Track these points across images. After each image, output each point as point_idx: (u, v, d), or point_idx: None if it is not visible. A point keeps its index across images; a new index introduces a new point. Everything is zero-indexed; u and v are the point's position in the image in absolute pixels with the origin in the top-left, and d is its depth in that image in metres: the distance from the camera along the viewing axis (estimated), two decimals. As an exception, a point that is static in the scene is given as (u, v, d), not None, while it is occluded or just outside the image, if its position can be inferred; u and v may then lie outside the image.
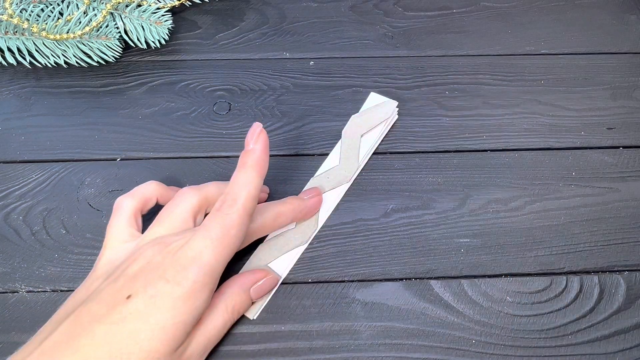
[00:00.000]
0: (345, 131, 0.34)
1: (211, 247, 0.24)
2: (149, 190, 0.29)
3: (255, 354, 0.28)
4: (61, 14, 0.38)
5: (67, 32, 0.36)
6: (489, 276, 0.30)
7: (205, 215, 0.28)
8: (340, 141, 0.34)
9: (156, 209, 0.28)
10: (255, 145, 0.27)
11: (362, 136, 0.34)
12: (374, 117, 0.35)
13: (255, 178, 0.26)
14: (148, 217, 0.28)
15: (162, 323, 0.23)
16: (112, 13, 0.38)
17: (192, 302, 0.23)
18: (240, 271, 0.30)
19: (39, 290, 0.30)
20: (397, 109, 0.36)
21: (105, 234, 0.27)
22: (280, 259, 0.30)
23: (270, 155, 0.29)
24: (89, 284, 0.25)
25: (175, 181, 0.33)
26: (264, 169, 0.27)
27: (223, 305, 0.26)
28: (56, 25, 0.36)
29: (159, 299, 0.23)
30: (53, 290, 0.30)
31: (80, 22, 0.37)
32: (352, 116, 0.35)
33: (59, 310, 0.25)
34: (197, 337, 0.25)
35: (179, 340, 0.23)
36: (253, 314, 0.29)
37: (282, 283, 0.30)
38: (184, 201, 0.27)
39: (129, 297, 0.23)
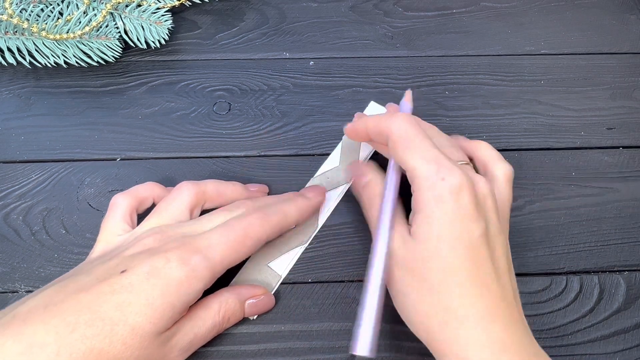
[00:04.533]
0: (345, 135, 0.34)
1: (224, 246, 0.25)
2: (145, 190, 0.29)
3: (255, 354, 0.28)
4: (61, 14, 0.38)
5: (67, 32, 0.36)
6: (489, 276, 0.30)
7: (202, 211, 0.28)
8: (340, 142, 0.34)
9: (152, 209, 0.28)
10: (315, 198, 0.30)
11: (361, 142, 0.34)
12: None
13: (295, 216, 0.28)
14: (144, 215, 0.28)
15: (152, 300, 0.22)
16: (112, 13, 0.38)
17: (185, 288, 0.23)
18: (240, 270, 0.30)
19: (39, 290, 0.30)
20: None
21: (100, 230, 0.28)
22: (280, 259, 0.30)
23: (270, 155, 0.29)
24: (78, 267, 0.26)
25: (175, 181, 0.33)
26: (303, 217, 0.29)
27: (217, 306, 0.26)
28: (56, 25, 0.36)
29: (154, 277, 0.23)
30: (53, 290, 0.30)
31: (80, 22, 0.37)
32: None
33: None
34: (184, 328, 0.24)
35: (166, 322, 0.23)
36: (253, 314, 0.29)
37: (282, 283, 0.30)
38: (182, 194, 0.27)
39: (123, 271, 0.23)
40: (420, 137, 0.26)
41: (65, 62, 0.37)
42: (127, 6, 0.38)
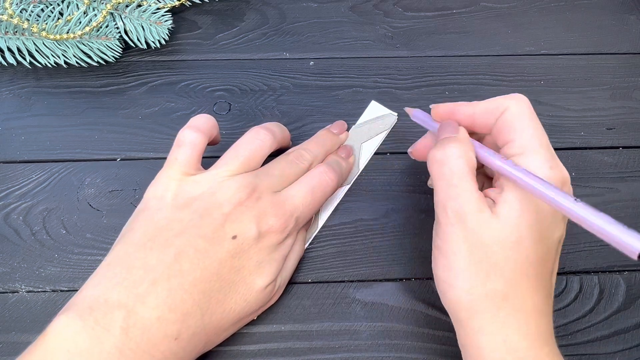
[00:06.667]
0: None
1: (308, 207, 0.28)
2: (214, 128, 0.30)
3: (255, 354, 0.28)
4: (61, 14, 0.38)
5: (67, 32, 0.36)
6: (489, 276, 0.30)
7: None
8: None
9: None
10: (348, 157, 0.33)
11: (362, 144, 0.34)
12: (374, 129, 0.35)
13: (348, 170, 0.33)
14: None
15: (261, 261, 0.26)
16: (112, 13, 0.38)
17: (284, 247, 0.27)
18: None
19: (39, 290, 0.30)
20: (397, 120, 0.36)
21: (168, 165, 0.28)
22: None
23: (270, 156, 0.30)
24: (167, 212, 0.26)
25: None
26: (351, 168, 0.34)
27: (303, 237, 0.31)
28: (56, 25, 0.36)
29: (261, 242, 0.26)
30: (53, 290, 0.30)
31: (80, 22, 0.37)
32: (353, 127, 0.35)
33: (133, 239, 0.25)
34: (283, 273, 0.28)
35: (274, 276, 0.27)
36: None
37: (282, 283, 0.30)
38: (260, 140, 0.29)
39: (234, 237, 0.26)
40: (538, 120, 0.25)
41: (66, 62, 0.37)
42: (127, 6, 0.38)
